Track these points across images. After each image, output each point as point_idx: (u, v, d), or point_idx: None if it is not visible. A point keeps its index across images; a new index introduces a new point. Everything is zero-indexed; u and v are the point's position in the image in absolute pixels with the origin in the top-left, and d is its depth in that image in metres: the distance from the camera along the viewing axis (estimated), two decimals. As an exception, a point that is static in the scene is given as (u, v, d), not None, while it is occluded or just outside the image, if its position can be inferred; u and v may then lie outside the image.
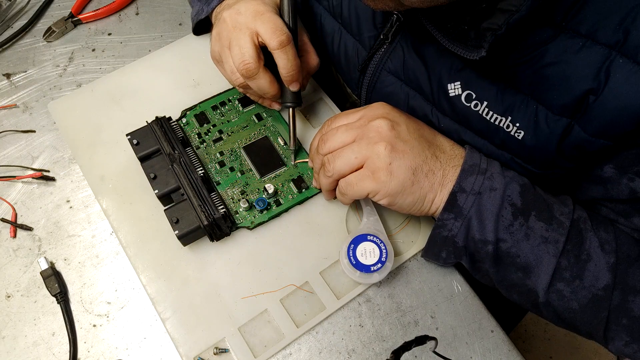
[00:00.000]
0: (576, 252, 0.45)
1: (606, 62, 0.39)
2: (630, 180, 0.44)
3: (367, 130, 0.47)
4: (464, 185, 0.46)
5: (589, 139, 0.42)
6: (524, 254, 0.45)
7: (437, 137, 0.50)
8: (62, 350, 0.51)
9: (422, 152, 0.47)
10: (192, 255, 0.53)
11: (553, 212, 0.46)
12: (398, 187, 0.45)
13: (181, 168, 0.52)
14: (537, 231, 0.45)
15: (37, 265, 0.53)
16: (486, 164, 0.47)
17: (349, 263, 0.50)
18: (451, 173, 0.47)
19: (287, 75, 0.51)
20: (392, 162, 0.45)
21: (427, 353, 0.50)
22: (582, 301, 0.44)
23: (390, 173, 0.45)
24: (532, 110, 0.44)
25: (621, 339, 0.44)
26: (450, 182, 0.46)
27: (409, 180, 0.45)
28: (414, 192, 0.46)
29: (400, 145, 0.46)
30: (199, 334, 0.49)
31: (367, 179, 0.46)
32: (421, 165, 0.46)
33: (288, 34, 0.50)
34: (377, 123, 0.47)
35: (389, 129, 0.46)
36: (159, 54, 0.66)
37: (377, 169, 0.45)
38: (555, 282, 0.45)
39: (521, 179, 0.47)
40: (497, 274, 0.48)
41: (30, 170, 0.59)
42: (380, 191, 0.46)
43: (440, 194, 0.47)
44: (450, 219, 0.46)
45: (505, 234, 0.45)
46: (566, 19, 0.40)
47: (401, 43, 0.52)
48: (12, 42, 0.70)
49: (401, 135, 0.46)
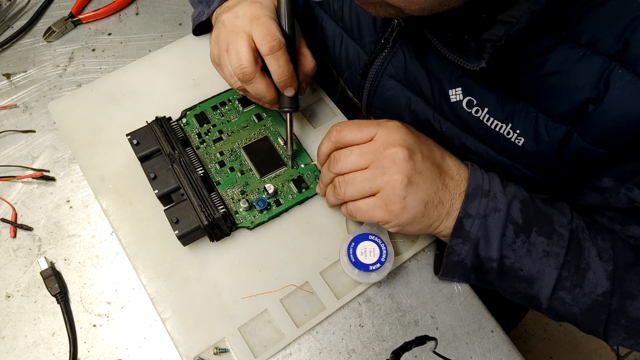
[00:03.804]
0: (576, 262, 0.46)
1: (606, 72, 0.39)
2: (629, 190, 0.45)
3: (383, 158, 0.45)
4: (470, 210, 0.46)
5: (588, 147, 0.43)
6: (526, 268, 0.46)
7: (446, 160, 0.49)
8: (62, 350, 0.51)
9: (434, 182, 0.46)
10: (192, 255, 0.53)
11: (553, 225, 0.46)
12: (409, 220, 0.45)
13: (181, 168, 0.52)
14: (539, 246, 0.46)
15: (37, 265, 0.54)
16: (488, 183, 0.47)
17: (349, 261, 0.50)
18: (457, 201, 0.47)
19: (280, 81, 0.51)
20: (406, 197, 0.44)
21: (427, 353, 0.50)
22: (583, 306, 0.46)
23: (404, 207, 0.45)
24: (532, 118, 0.44)
25: (619, 336, 0.46)
26: (456, 210, 0.47)
27: (420, 213, 0.45)
28: (423, 222, 0.46)
29: (415, 178, 0.45)
30: (199, 334, 0.49)
31: (379, 210, 0.45)
32: (433, 197, 0.46)
33: (280, 40, 0.49)
34: (394, 152, 0.45)
35: (405, 160, 0.45)
36: (159, 54, 0.66)
37: (391, 201, 0.45)
38: (557, 290, 0.46)
39: (521, 193, 0.48)
40: (501, 285, 0.49)
41: (30, 170, 0.59)
42: (391, 222, 0.46)
43: (446, 222, 0.47)
44: (459, 244, 0.47)
45: (509, 251, 0.46)
46: (566, 28, 0.40)
47: (402, 48, 0.52)
48: (12, 42, 0.70)
49: (417, 167, 0.45)
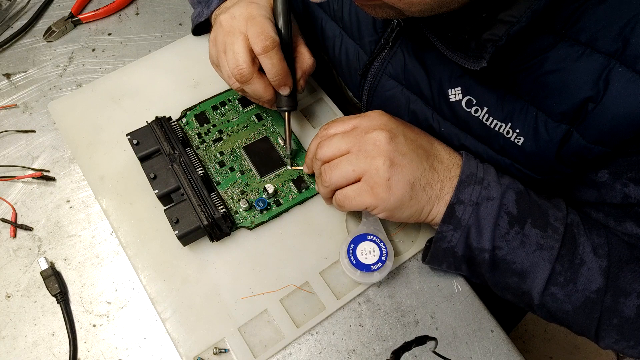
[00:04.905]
0: (570, 257, 0.45)
1: (605, 71, 0.39)
2: (624, 185, 0.44)
3: (365, 142, 0.46)
4: (462, 196, 0.46)
5: (587, 145, 0.42)
6: (519, 261, 0.46)
7: (435, 145, 0.49)
8: (62, 350, 0.51)
9: (420, 164, 0.46)
10: (192, 255, 0.53)
11: (548, 218, 0.46)
12: (396, 203, 0.45)
13: (181, 168, 0.52)
14: (533, 238, 0.45)
15: (37, 265, 0.54)
16: (482, 172, 0.47)
17: (349, 263, 0.50)
18: (448, 185, 0.47)
19: (274, 80, 0.50)
20: (390, 178, 0.44)
21: (427, 353, 0.50)
22: (576, 303, 0.45)
23: (389, 189, 0.45)
24: (531, 117, 0.44)
25: (611, 337, 0.46)
26: (447, 194, 0.46)
27: (407, 195, 0.45)
28: (412, 206, 0.46)
29: (398, 159, 0.45)
30: (199, 334, 0.49)
31: (366, 194, 0.45)
32: (419, 178, 0.46)
33: (273, 38, 0.48)
34: (375, 135, 0.46)
35: (387, 142, 0.45)
36: (159, 54, 0.66)
37: (376, 184, 0.45)
38: (549, 286, 0.45)
39: (517, 185, 0.47)
40: (492, 278, 0.48)
41: (30, 170, 0.59)
42: (379, 206, 0.45)
43: (438, 206, 0.47)
44: (449, 231, 0.46)
45: (502, 242, 0.45)
46: (566, 27, 0.40)
47: (402, 48, 0.52)
48: (12, 42, 0.70)
49: (399, 148, 0.46)
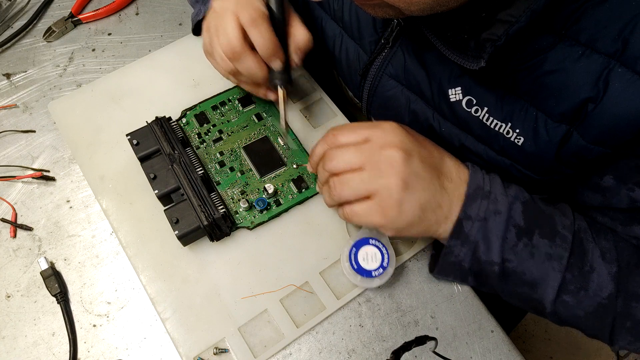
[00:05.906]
0: (579, 264, 0.45)
1: (605, 71, 0.39)
2: (631, 190, 0.44)
3: (379, 160, 0.44)
4: (470, 212, 0.45)
5: (587, 146, 0.42)
6: (529, 272, 0.45)
7: (445, 160, 0.48)
8: (62, 350, 0.51)
9: (431, 184, 0.45)
10: (192, 255, 0.53)
11: (556, 227, 0.46)
12: (405, 224, 0.44)
13: (181, 168, 0.52)
14: (542, 248, 0.45)
15: (37, 265, 0.53)
16: (489, 184, 0.46)
17: (351, 267, 0.50)
18: (456, 203, 0.46)
19: (263, 52, 0.49)
20: (402, 200, 0.43)
21: (427, 353, 0.50)
22: (588, 309, 0.45)
23: (400, 211, 0.43)
24: (531, 117, 0.44)
25: (625, 339, 0.45)
26: (455, 213, 0.45)
27: (417, 218, 0.44)
28: (420, 226, 0.45)
29: (412, 181, 0.44)
30: (199, 334, 0.49)
31: (376, 214, 0.44)
32: (430, 200, 0.44)
33: (260, 10, 0.48)
34: (390, 154, 0.44)
35: (402, 163, 0.43)
36: (159, 54, 0.66)
37: (388, 206, 0.43)
38: (561, 294, 0.45)
39: (523, 194, 0.47)
40: (502, 289, 0.48)
41: (30, 170, 0.59)
42: (387, 226, 0.44)
43: (445, 225, 0.46)
44: (457, 245, 0.46)
45: (511, 255, 0.45)
46: (566, 27, 0.40)
47: (402, 48, 0.52)
48: (12, 42, 0.70)
49: (414, 169, 0.44)
